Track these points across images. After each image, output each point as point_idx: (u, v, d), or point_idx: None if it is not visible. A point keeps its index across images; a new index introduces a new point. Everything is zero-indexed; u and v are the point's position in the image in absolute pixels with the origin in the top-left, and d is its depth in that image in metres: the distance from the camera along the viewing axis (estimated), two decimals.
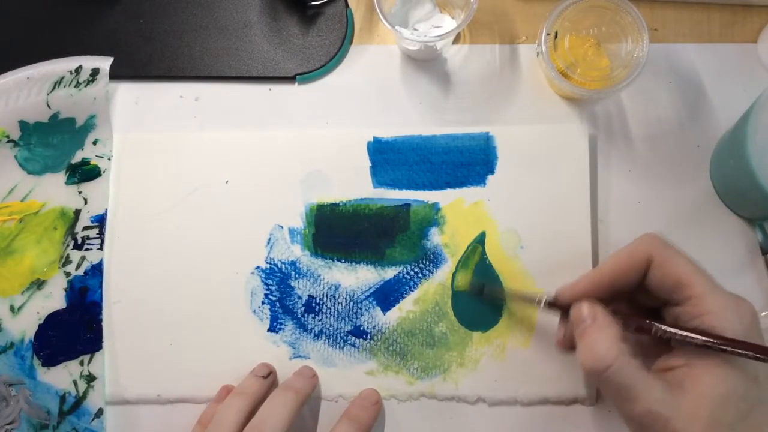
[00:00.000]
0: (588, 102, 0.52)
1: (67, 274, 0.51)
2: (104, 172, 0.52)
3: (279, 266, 0.51)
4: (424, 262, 0.50)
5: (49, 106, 0.52)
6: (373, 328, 0.50)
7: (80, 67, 0.52)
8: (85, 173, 0.52)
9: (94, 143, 0.52)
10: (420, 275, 0.50)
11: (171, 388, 0.49)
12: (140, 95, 0.54)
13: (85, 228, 0.52)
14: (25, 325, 0.50)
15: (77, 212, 0.52)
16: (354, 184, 0.51)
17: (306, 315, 0.50)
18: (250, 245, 0.51)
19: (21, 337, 0.50)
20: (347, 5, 0.54)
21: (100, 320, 0.50)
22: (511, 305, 0.49)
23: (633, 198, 0.51)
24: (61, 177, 0.52)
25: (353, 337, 0.50)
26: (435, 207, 0.51)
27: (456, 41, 0.54)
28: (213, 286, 0.50)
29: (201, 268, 0.51)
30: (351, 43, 0.54)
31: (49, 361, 0.50)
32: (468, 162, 0.51)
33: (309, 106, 0.53)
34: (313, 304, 0.50)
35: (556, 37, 0.48)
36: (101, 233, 0.51)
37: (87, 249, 0.51)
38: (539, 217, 0.50)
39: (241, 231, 0.51)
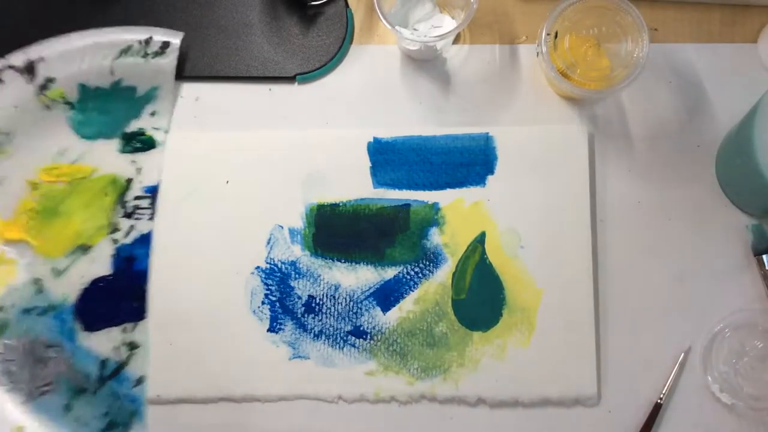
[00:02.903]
0: (588, 102, 0.52)
1: (115, 241, 0.51)
2: (159, 144, 0.52)
3: (279, 266, 0.51)
4: (424, 262, 0.50)
5: (112, 73, 0.52)
6: (373, 328, 0.50)
7: (150, 38, 0.51)
8: (140, 143, 0.52)
9: (152, 114, 0.52)
10: (420, 275, 0.50)
11: (171, 388, 0.49)
12: None
13: (137, 197, 0.51)
14: (67, 289, 0.50)
15: (129, 181, 0.52)
16: (354, 184, 0.51)
17: (306, 315, 0.50)
18: (250, 245, 0.51)
19: (62, 301, 0.50)
20: (347, 5, 0.54)
21: (145, 290, 0.50)
22: (512, 305, 0.49)
23: (633, 198, 0.51)
24: (113, 144, 0.52)
25: (353, 338, 0.50)
26: (435, 207, 0.51)
27: (456, 41, 0.54)
28: (213, 286, 0.50)
29: (201, 268, 0.51)
30: (351, 43, 0.54)
31: (91, 326, 0.50)
32: (468, 162, 0.51)
33: (309, 106, 0.53)
34: (313, 304, 0.50)
35: (556, 37, 0.48)
36: (152, 204, 0.51)
37: (137, 218, 0.51)
38: (539, 217, 0.50)
39: (241, 231, 0.51)
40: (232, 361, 0.49)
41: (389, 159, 0.52)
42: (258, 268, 0.51)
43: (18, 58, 0.51)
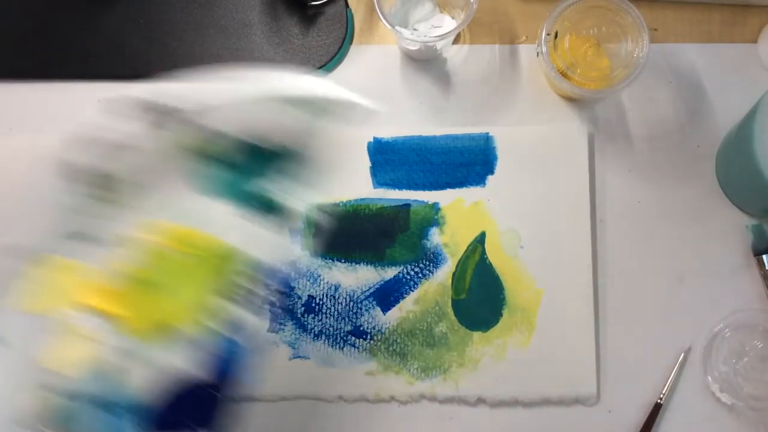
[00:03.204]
0: (588, 102, 0.52)
1: (210, 330, 0.40)
2: (287, 216, 0.42)
3: (279, 266, 0.51)
4: (424, 262, 0.50)
5: (272, 133, 0.42)
6: (373, 328, 0.50)
7: (353, 104, 0.43)
8: (264, 210, 0.42)
9: (281, 175, 0.42)
10: (420, 275, 0.50)
11: None
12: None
13: (249, 277, 0.42)
14: (147, 382, 0.40)
15: (256, 262, 0.42)
16: (354, 184, 0.51)
17: (306, 315, 0.50)
18: None
19: (137, 397, 0.40)
20: (347, 5, 0.54)
21: (234, 397, 0.41)
22: (512, 305, 0.49)
23: (633, 198, 0.51)
24: (234, 208, 0.43)
25: (353, 338, 0.50)
26: (435, 207, 0.51)
27: (456, 41, 0.54)
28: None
29: None
30: (351, 43, 0.54)
31: (162, 428, 0.41)
32: (468, 162, 0.51)
33: None
34: (313, 304, 0.50)
35: (556, 37, 0.48)
36: (271, 291, 0.41)
37: (246, 305, 0.41)
38: (539, 217, 0.50)
39: None
40: None
41: (389, 159, 0.52)
42: None
43: (186, 101, 0.40)
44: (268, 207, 0.42)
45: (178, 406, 0.40)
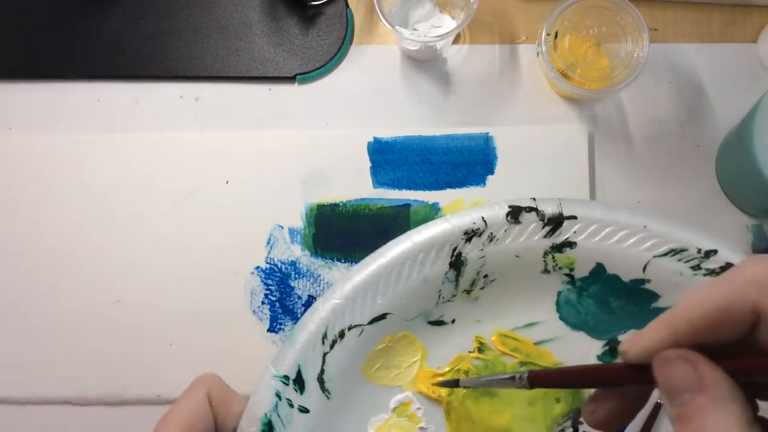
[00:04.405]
0: (588, 102, 0.52)
1: None
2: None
3: (279, 266, 0.51)
4: None
5: (644, 270, 0.41)
6: None
7: (714, 251, 0.41)
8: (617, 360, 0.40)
9: None
10: None
11: (171, 388, 0.49)
12: (140, 95, 0.54)
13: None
14: None
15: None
16: (354, 184, 0.51)
17: None
18: (250, 245, 0.51)
19: None
20: (347, 5, 0.54)
21: None
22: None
23: (633, 198, 0.51)
24: (595, 346, 0.43)
25: None
26: (435, 207, 0.51)
27: (456, 41, 0.54)
28: (213, 286, 0.50)
29: (201, 268, 0.51)
30: (351, 43, 0.54)
31: None
32: (468, 162, 0.51)
33: (309, 106, 0.53)
34: None
35: (556, 37, 0.48)
36: None
37: None
38: None
39: (241, 231, 0.51)
40: (232, 361, 0.49)
41: (389, 159, 0.52)
42: (258, 268, 0.51)
43: (560, 206, 0.41)
44: (612, 355, 0.42)
45: None
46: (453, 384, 0.38)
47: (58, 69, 0.54)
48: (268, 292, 0.50)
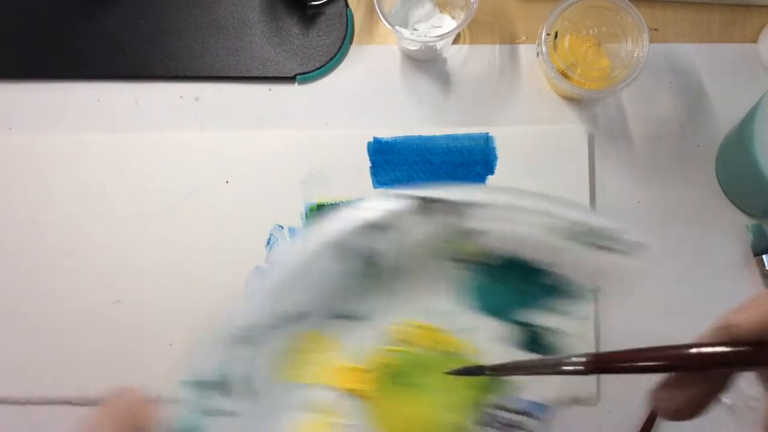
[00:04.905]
0: (588, 102, 0.52)
1: None
2: (551, 348, 0.40)
3: None
4: None
5: (551, 255, 0.41)
6: None
7: (615, 231, 0.39)
8: (535, 343, 0.41)
9: (565, 315, 0.41)
10: None
11: (171, 389, 0.49)
12: (140, 95, 0.54)
13: (510, 409, 0.41)
14: None
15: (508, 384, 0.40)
16: (354, 184, 0.51)
17: None
18: (250, 245, 0.51)
19: None
20: (347, 5, 0.54)
21: None
22: None
23: (633, 198, 0.51)
24: (505, 330, 0.42)
25: None
26: None
27: (456, 41, 0.54)
28: (213, 286, 0.50)
29: (201, 268, 0.51)
30: (351, 43, 0.54)
31: None
32: (468, 162, 0.51)
33: (309, 106, 0.53)
34: None
35: (556, 37, 0.48)
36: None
37: None
38: None
39: (241, 231, 0.51)
40: None
41: (389, 159, 0.52)
42: (258, 268, 0.51)
43: (453, 194, 0.40)
44: (532, 342, 0.41)
45: None
46: (477, 371, 0.37)
47: (58, 69, 0.54)
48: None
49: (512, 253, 0.41)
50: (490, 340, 0.42)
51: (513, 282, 0.42)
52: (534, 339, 0.41)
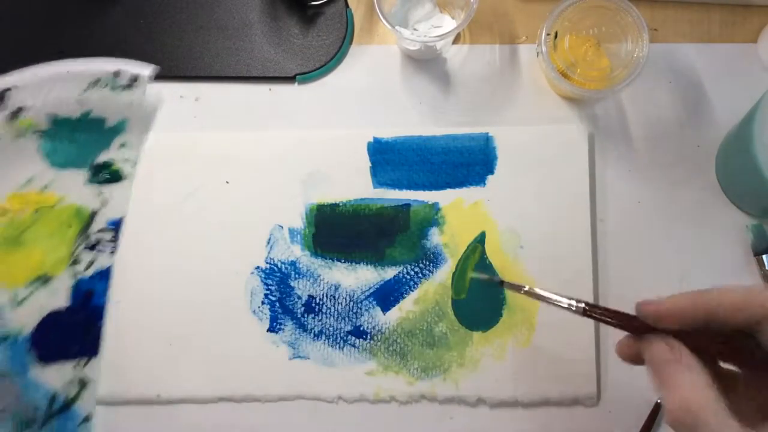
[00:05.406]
0: (588, 102, 0.52)
1: (75, 274, 0.51)
2: (127, 177, 0.52)
3: (279, 266, 0.51)
4: (424, 262, 0.50)
5: (81, 104, 0.52)
6: (373, 328, 0.50)
7: (119, 71, 0.52)
8: (108, 175, 0.52)
9: (122, 146, 0.52)
10: (420, 275, 0.50)
11: (171, 388, 0.49)
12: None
13: (100, 230, 0.51)
14: (24, 319, 0.50)
15: (93, 213, 0.52)
16: (354, 184, 0.51)
17: (306, 315, 0.50)
18: (250, 245, 0.51)
19: (18, 331, 0.50)
20: (347, 5, 0.54)
21: (101, 326, 0.50)
22: (512, 305, 0.49)
23: (633, 198, 0.51)
24: (82, 174, 0.52)
25: (353, 338, 0.50)
26: (435, 207, 0.51)
27: (456, 41, 0.54)
28: (213, 286, 0.50)
29: (201, 268, 0.51)
30: (351, 43, 0.54)
31: (44, 359, 0.50)
32: (468, 162, 0.51)
33: (309, 106, 0.53)
34: (313, 304, 0.50)
35: (556, 37, 0.48)
36: (115, 238, 0.51)
37: (99, 251, 0.51)
38: (539, 217, 0.50)
39: (241, 231, 0.51)
40: (232, 361, 0.49)
41: (389, 159, 0.52)
42: (258, 268, 0.51)
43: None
44: (116, 175, 0.52)
45: (53, 335, 0.50)
46: (497, 282, 0.47)
47: None
48: (268, 292, 0.50)
49: (56, 116, 0.52)
50: (74, 185, 0.52)
51: (70, 136, 0.52)
52: (117, 172, 0.52)
